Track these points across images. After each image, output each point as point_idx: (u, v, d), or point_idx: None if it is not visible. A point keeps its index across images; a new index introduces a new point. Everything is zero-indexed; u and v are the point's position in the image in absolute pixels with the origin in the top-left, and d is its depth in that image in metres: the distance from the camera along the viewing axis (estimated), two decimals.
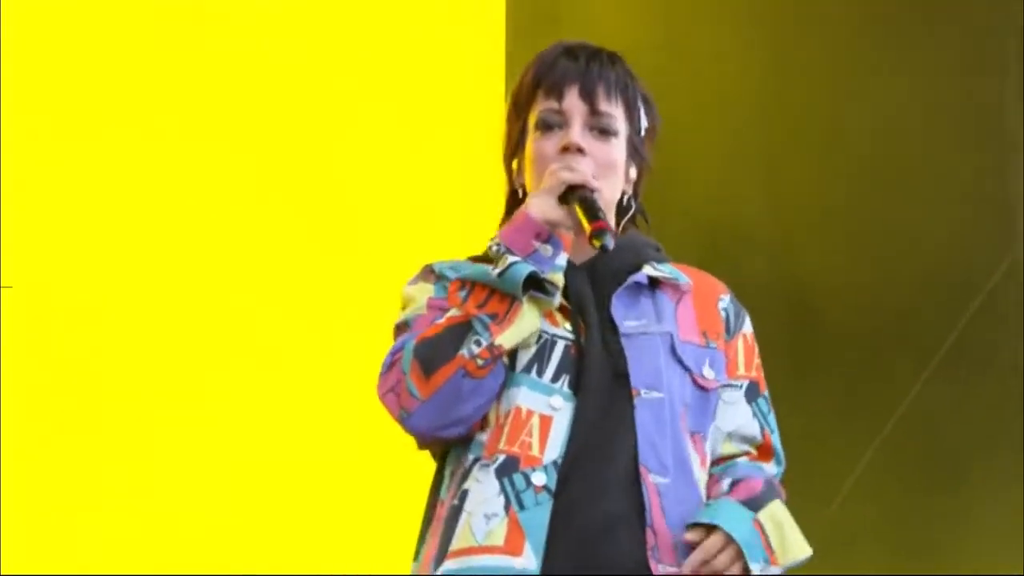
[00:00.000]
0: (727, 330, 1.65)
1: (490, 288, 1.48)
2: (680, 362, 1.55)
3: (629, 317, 1.54)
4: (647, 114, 1.68)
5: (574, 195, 1.47)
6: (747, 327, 1.68)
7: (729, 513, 1.48)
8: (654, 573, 1.43)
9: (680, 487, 1.50)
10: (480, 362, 1.43)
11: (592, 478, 1.47)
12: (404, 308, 1.61)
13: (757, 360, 1.68)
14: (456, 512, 1.48)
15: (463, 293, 1.50)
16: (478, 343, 1.44)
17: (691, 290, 1.64)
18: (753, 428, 1.61)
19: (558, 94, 1.58)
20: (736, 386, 1.63)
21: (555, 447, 1.46)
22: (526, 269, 1.44)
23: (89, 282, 5.09)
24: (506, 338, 1.45)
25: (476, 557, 1.44)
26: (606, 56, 1.65)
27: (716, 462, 1.59)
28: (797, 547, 1.52)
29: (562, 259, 1.48)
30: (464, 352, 1.43)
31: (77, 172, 5.18)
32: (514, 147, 1.67)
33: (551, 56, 1.65)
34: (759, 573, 1.44)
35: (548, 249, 1.48)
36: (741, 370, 1.64)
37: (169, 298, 5.31)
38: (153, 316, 5.24)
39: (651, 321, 1.56)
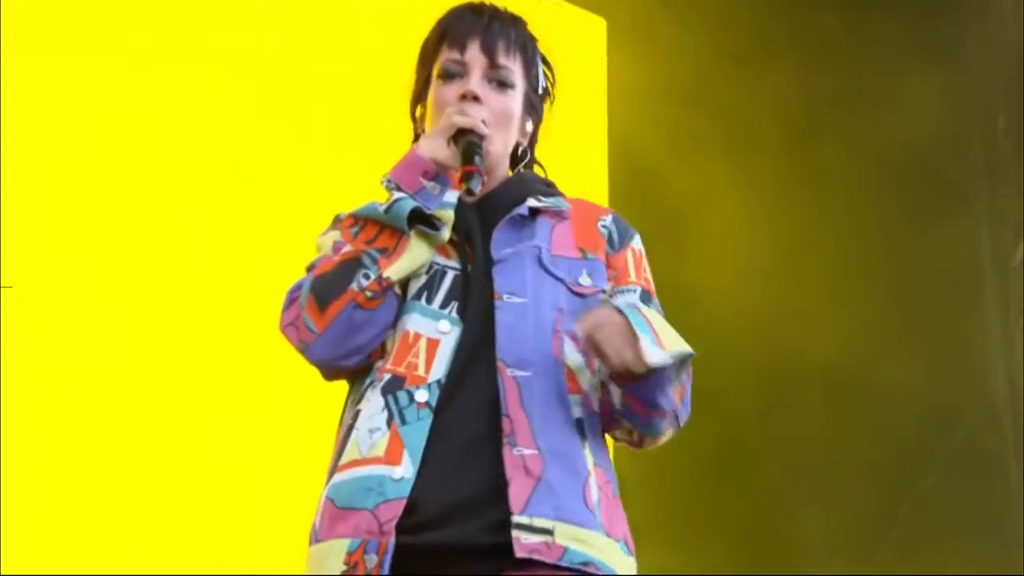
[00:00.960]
0: (611, 244, 1.74)
1: (380, 224, 1.55)
2: (549, 272, 1.63)
3: (506, 245, 1.62)
4: (544, 75, 1.80)
5: (462, 138, 1.55)
6: (636, 243, 1.78)
7: (612, 302, 1.58)
8: (508, 459, 1.46)
9: (543, 378, 1.55)
10: (369, 294, 1.51)
11: (472, 393, 1.53)
12: (316, 254, 1.69)
13: (647, 274, 1.78)
14: (348, 431, 1.57)
15: (355, 230, 1.58)
16: (367, 276, 1.51)
17: (570, 215, 1.72)
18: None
19: (461, 46, 1.69)
20: (631, 290, 1.71)
21: (440, 367, 1.53)
22: (410, 205, 1.52)
23: (89, 282, 5.02)
24: (394, 271, 1.52)
25: (359, 468, 1.51)
26: (509, 16, 1.75)
27: None
28: (678, 340, 1.55)
29: (450, 196, 1.56)
30: (354, 285, 1.51)
31: (77, 173, 5.10)
32: (418, 95, 1.78)
33: (458, 12, 1.74)
34: (651, 350, 1.44)
35: (435, 187, 1.55)
36: (632, 277, 1.74)
37: (169, 298, 5.26)
38: (153, 316, 5.19)
39: (523, 243, 1.64)
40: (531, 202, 1.69)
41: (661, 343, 1.50)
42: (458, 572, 1.47)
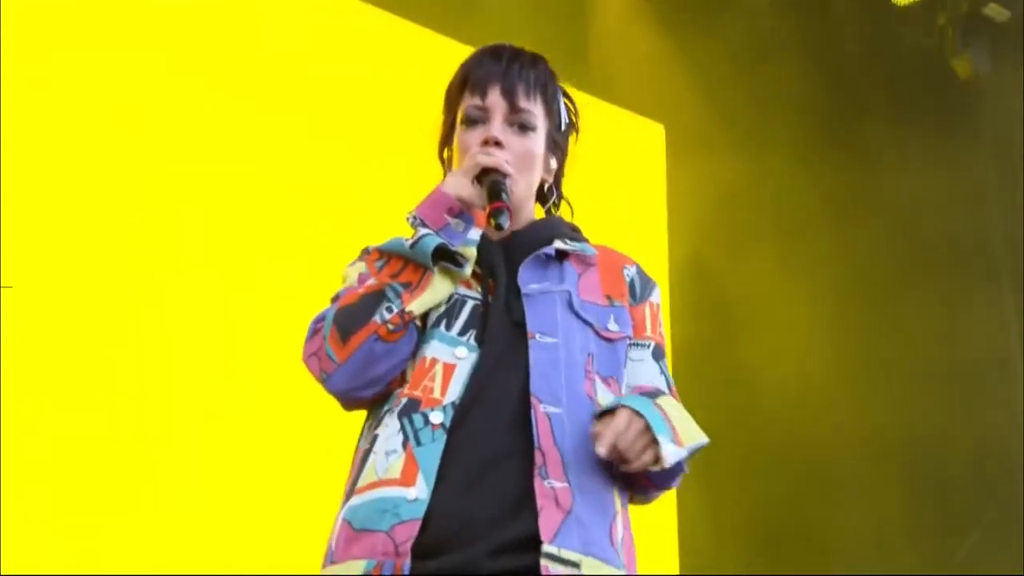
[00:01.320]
0: (632, 295, 1.75)
1: (404, 259, 1.57)
2: (579, 316, 1.65)
3: (532, 281, 1.64)
4: (566, 110, 1.82)
5: (487, 177, 1.59)
6: (655, 297, 1.80)
7: (631, 399, 1.55)
8: (539, 489, 1.47)
9: (574, 416, 1.55)
10: (391, 327, 1.52)
11: (488, 416, 1.53)
12: (342, 284, 1.72)
13: (661, 328, 1.79)
14: (366, 455, 1.57)
15: (380, 264, 1.60)
16: (389, 309, 1.52)
17: (597, 261, 1.75)
18: (660, 382, 1.71)
19: (482, 92, 1.71)
20: (644, 345, 1.74)
21: (455, 390, 1.54)
22: (435, 241, 1.54)
23: (89, 282, 5.09)
24: (416, 305, 1.54)
25: (375, 491, 1.51)
26: (528, 57, 1.77)
27: None
28: (695, 432, 1.60)
29: (474, 233, 1.59)
30: (376, 318, 1.52)
31: (76, 174, 5.18)
32: (445, 140, 1.81)
33: (478, 57, 1.77)
34: (669, 448, 1.48)
35: (460, 224, 1.57)
36: (648, 332, 1.75)
37: (168, 298, 5.35)
38: (152, 316, 5.26)
39: (553, 284, 1.66)
40: (558, 244, 1.72)
41: (679, 439, 1.53)
42: None
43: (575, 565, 1.45)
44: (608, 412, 1.52)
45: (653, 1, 6.93)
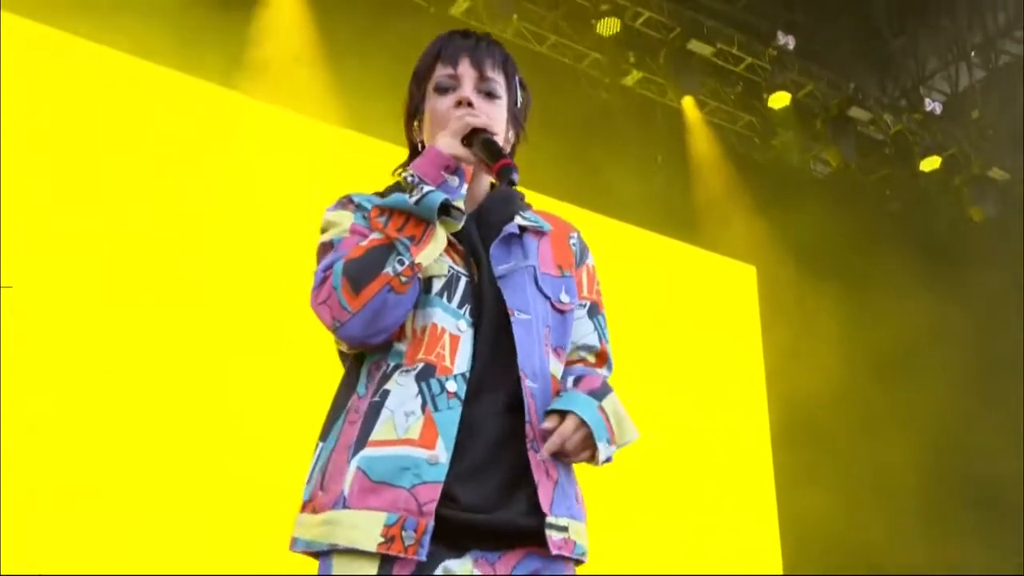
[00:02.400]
0: (576, 261, 1.89)
1: (407, 214, 1.63)
2: (541, 291, 1.78)
3: (503, 260, 1.76)
4: (521, 91, 1.92)
5: (477, 137, 1.68)
6: (590, 260, 1.93)
7: (579, 401, 1.68)
8: (534, 462, 1.65)
9: (545, 391, 1.72)
10: (403, 279, 1.60)
11: (490, 389, 1.66)
12: (325, 231, 1.79)
13: (597, 286, 1.93)
14: (377, 408, 1.63)
15: (383, 219, 1.65)
16: (401, 262, 1.60)
17: (550, 233, 1.88)
18: (593, 339, 1.88)
19: (453, 62, 1.82)
20: (582, 305, 1.88)
21: (463, 362, 1.65)
22: (439, 197, 1.62)
23: (89, 282, 5.03)
24: (424, 256, 1.62)
25: (394, 448, 1.59)
26: (492, 39, 1.89)
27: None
28: (629, 430, 1.75)
29: (464, 188, 1.68)
30: (389, 270, 1.59)
31: (76, 175, 5.20)
32: (414, 110, 1.89)
33: (447, 35, 1.89)
34: (604, 452, 1.67)
35: (455, 180, 1.66)
36: (585, 292, 1.88)
37: (167, 299, 5.34)
38: (152, 317, 5.23)
39: (519, 260, 1.77)
40: (519, 220, 1.82)
41: (615, 439, 1.71)
42: (487, 547, 1.62)
43: (564, 529, 1.67)
44: (557, 412, 1.68)
45: (747, 176, 8.57)
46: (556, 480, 1.67)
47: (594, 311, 1.90)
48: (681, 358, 7.81)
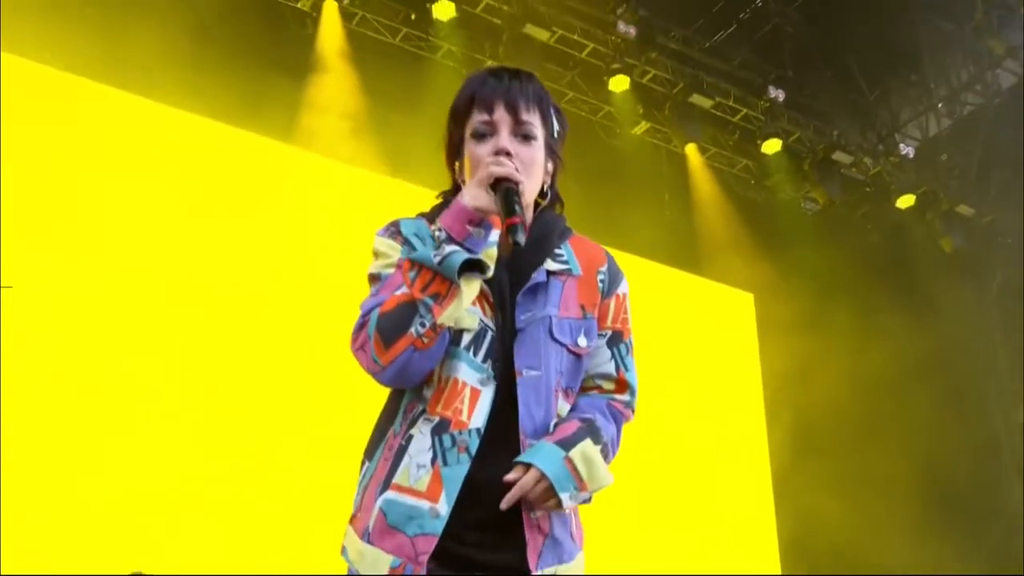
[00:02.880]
0: (602, 294, 1.88)
1: (432, 271, 1.67)
2: (557, 340, 1.79)
3: (526, 310, 1.79)
4: (558, 120, 1.91)
5: (500, 186, 1.70)
6: (621, 288, 1.92)
7: (543, 453, 1.72)
8: (526, 521, 1.73)
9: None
10: (426, 340, 1.66)
11: (503, 448, 1.72)
12: (376, 257, 1.85)
13: (624, 315, 1.91)
14: (402, 452, 1.74)
15: (412, 274, 1.68)
16: (423, 324, 1.65)
17: (579, 274, 1.87)
18: (610, 367, 1.89)
19: (488, 108, 1.82)
20: (603, 335, 1.88)
21: (479, 417, 1.72)
22: (460, 259, 1.66)
23: (88, 283, 4.95)
24: (446, 317, 1.67)
25: (406, 496, 1.70)
26: (524, 75, 1.88)
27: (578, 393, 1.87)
28: (602, 477, 1.78)
29: (494, 236, 1.70)
30: (413, 331, 1.65)
31: (76, 175, 5.13)
32: (455, 152, 1.90)
33: (481, 77, 1.88)
34: (569, 500, 1.71)
35: (481, 232, 1.69)
36: (608, 323, 1.88)
37: (167, 299, 5.29)
38: (151, 317, 5.17)
39: (539, 309, 1.79)
40: (548, 265, 1.83)
41: (584, 486, 1.74)
42: None
43: None
44: (522, 463, 1.71)
45: (745, 213, 9.32)
46: (548, 534, 1.76)
47: (615, 340, 1.91)
48: (687, 377, 8.39)
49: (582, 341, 1.84)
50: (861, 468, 8.42)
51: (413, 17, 8.46)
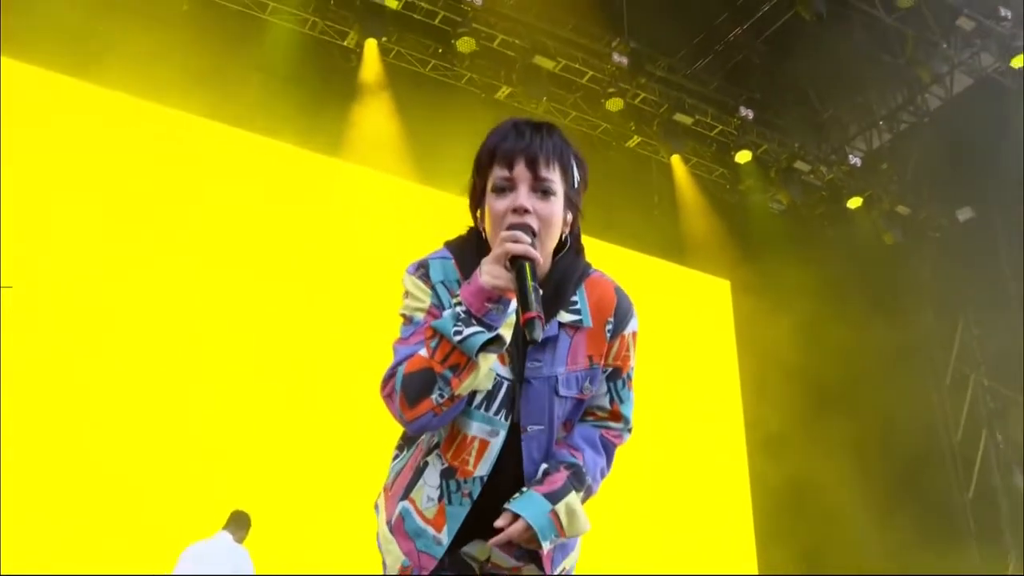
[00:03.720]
0: (609, 338, 1.92)
1: (452, 345, 1.70)
2: (561, 395, 1.87)
3: (533, 362, 1.84)
4: (579, 170, 1.91)
5: (514, 264, 1.71)
6: (628, 329, 1.94)
7: (532, 507, 1.82)
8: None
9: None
10: (445, 408, 1.75)
11: (496, 493, 1.83)
12: (406, 297, 1.91)
13: (627, 352, 1.95)
14: (420, 471, 1.88)
15: (433, 344, 1.73)
16: (441, 395, 1.73)
17: (590, 324, 1.90)
18: (605, 401, 1.96)
19: (508, 164, 1.81)
20: (604, 371, 1.94)
21: (485, 466, 1.82)
22: (480, 341, 1.70)
23: (88, 283, 4.86)
24: (463, 389, 1.74)
25: (419, 518, 1.85)
26: (546, 129, 1.87)
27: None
28: (581, 525, 1.88)
29: (511, 308, 1.73)
30: (433, 398, 1.73)
31: (76, 175, 5.06)
32: (477, 201, 1.90)
33: (503, 131, 1.87)
34: (549, 546, 1.83)
35: (499, 308, 1.71)
36: (610, 360, 1.92)
37: (166, 298, 5.24)
38: (151, 317, 5.11)
39: (546, 364, 1.85)
40: (562, 317, 1.85)
41: (563, 533, 1.83)
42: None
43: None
44: (511, 510, 1.81)
45: (722, 213, 10.30)
46: (552, 560, 1.90)
47: (614, 376, 1.95)
48: (671, 352, 9.15)
49: (587, 389, 1.91)
50: (821, 428, 9.33)
51: (440, 51, 9.38)
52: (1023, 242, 10.05)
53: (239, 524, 4.72)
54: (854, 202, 10.54)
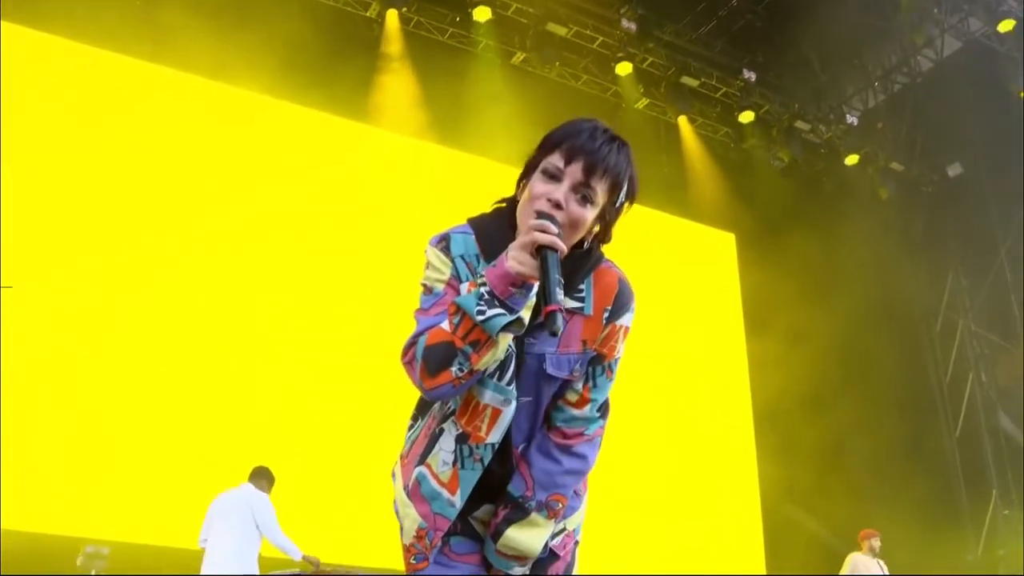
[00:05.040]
0: (604, 325, 1.92)
1: (474, 323, 1.72)
2: (550, 376, 1.89)
3: (530, 340, 1.87)
4: (627, 192, 1.87)
5: (540, 254, 1.69)
6: (622, 320, 1.93)
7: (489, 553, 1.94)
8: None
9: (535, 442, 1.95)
10: (464, 381, 1.77)
11: (504, 457, 1.92)
12: (427, 267, 1.93)
13: (614, 343, 1.94)
14: (436, 437, 1.93)
15: (456, 320, 1.75)
16: (461, 368, 1.75)
17: (590, 312, 1.90)
18: (579, 385, 1.95)
19: (567, 158, 1.80)
20: (588, 355, 1.93)
21: (497, 432, 1.88)
22: (502, 323, 1.71)
23: (88, 283, 4.82)
24: (482, 364, 1.77)
25: (434, 480, 1.91)
26: (618, 145, 1.85)
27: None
28: (534, 544, 1.95)
29: (533, 292, 1.74)
30: (453, 371, 1.75)
31: (76, 176, 5.02)
32: (528, 172, 1.88)
33: (578, 127, 1.85)
34: (521, 569, 1.95)
35: (521, 292, 1.72)
36: (595, 345, 1.92)
37: (166, 298, 5.18)
38: (150, 316, 5.06)
39: (539, 342, 1.88)
40: (565, 303, 1.79)
41: (523, 560, 1.93)
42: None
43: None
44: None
45: (727, 170, 10.58)
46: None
47: (596, 360, 1.94)
48: (678, 301, 9.41)
49: (577, 370, 1.92)
50: (810, 379, 9.53)
51: (458, 19, 9.61)
52: (1009, 197, 10.28)
53: (261, 476, 4.85)
54: (851, 159, 10.87)
